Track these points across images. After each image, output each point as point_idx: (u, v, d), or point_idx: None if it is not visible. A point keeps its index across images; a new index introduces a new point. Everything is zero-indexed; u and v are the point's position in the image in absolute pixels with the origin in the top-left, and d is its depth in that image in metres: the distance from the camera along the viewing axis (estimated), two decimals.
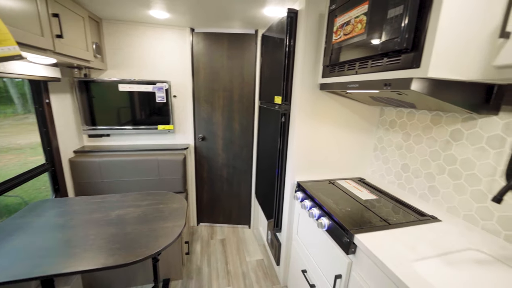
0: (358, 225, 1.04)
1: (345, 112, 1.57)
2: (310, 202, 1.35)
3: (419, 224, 1.07)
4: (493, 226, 1.01)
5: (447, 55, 0.75)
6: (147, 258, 1.01)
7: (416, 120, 1.36)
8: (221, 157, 2.41)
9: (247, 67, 2.18)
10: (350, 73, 1.13)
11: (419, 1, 0.75)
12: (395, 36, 0.83)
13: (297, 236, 1.57)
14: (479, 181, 1.05)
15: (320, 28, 1.38)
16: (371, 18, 0.95)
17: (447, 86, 0.85)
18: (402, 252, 0.87)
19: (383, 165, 1.62)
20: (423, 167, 1.33)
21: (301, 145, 1.55)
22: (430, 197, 1.29)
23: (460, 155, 1.13)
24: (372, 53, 0.96)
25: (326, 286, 1.19)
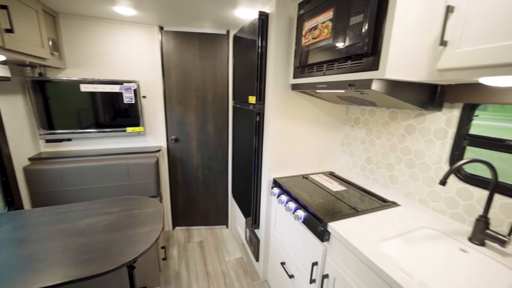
0: (331, 215, 1.12)
1: (315, 111, 1.68)
2: (286, 196, 1.41)
3: (382, 210, 1.20)
4: (441, 206, 1.17)
5: (400, 59, 0.86)
6: (124, 265, 0.97)
7: (377, 117, 1.51)
8: (195, 158, 2.37)
9: (220, 67, 2.18)
10: (319, 74, 1.21)
11: (376, 11, 0.85)
12: (357, 42, 0.93)
13: (275, 231, 1.63)
14: (429, 169, 1.22)
15: (290, 31, 1.46)
16: (336, 24, 1.04)
17: (401, 86, 0.97)
18: (369, 235, 0.97)
19: (350, 159, 1.76)
20: (384, 159, 1.48)
21: (276, 143, 1.61)
22: (391, 185, 1.44)
23: (413, 146, 1.29)
24: (337, 56, 1.05)
25: (304, 274, 1.27)
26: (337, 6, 1.02)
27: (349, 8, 0.95)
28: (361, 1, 0.89)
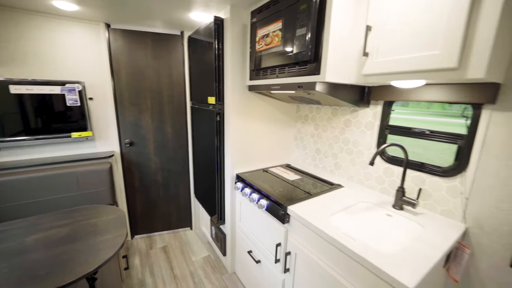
0: (289, 200, 1.28)
1: (271, 110, 1.84)
2: (250, 189, 1.53)
3: (330, 191, 1.42)
4: (373, 184, 1.46)
5: (336, 65, 1.06)
6: (90, 273, 0.94)
7: (322, 113, 1.76)
8: (153, 161, 2.30)
9: (175, 67, 2.16)
10: (272, 77, 1.36)
11: (316, 26, 1.03)
12: (302, 50, 1.10)
13: (240, 223, 1.74)
14: (363, 154, 1.49)
15: (244, 36, 1.57)
16: (285, 34, 1.19)
17: (338, 88, 1.19)
18: (321, 212, 1.16)
19: (302, 151, 1.98)
20: (329, 149, 1.73)
21: (236, 141, 1.71)
22: (336, 171, 1.70)
23: (351, 137, 1.56)
24: (288, 61, 1.21)
25: (269, 256, 1.41)
26: (284, 18, 1.18)
27: (295, 22, 1.12)
28: (304, 17, 1.06)
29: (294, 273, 1.22)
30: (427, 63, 0.84)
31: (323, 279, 1.04)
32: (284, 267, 1.27)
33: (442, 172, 1.14)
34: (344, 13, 1.03)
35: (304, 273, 1.16)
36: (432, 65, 0.82)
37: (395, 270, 0.78)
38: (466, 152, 1.06)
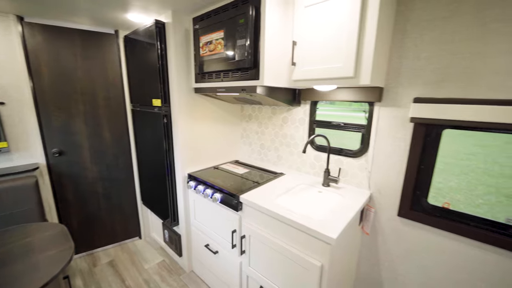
0: (241, 190, 1.44)
1: (217, 111, 1.96)
2: (203, 186, 1.62)
3: (275, 179, 1.65)
4: (307, 169, 1.76)
5: (272, 72, 1.27)
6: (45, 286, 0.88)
7: (263, 112, 1.98)
8: (91, 171, 2.10)
9: (111, 68, 2.03)
10: (217, 80, 1.49)
11: (254, 38, 1.22)
12: (243, 58, 1.27)
13: (195, 221, 1.80)
14: (298, 146, 1.78)
15: (188, 40, 1.64)
16: (227, 43, 1.34)
17: (275, 90, 1.41)
18: (268, 196, 1.36)
19: (249, 147, 2.18)
20: (272, 144, 1.98)
21: (186, 142, 1.76)
22: (278, 162, 1.95)
23: (288, 132, 1.83)
24: (231, 67, 1.36)
25: (226, 244, 1.54)
26: (226, 29, 1.33)
27: (235, 33, 1.28)
28: (243, 30, 1.23)
29: (250, 253, 1.39)
30: (335, 73, 1.12)
31: (273, 250, 1.24)
32: (241, 250, 1.43)
33: (353, 154, 1.51)
34: (275, 29, 1.24)
35: (258, 250, 1.34)
36: (338, 74, 1.11)
37: (323, 229, 1.03)
38: (367, 137, 1.44)
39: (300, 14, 1.22)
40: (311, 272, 1.08)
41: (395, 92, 1.28)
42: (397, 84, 1.27)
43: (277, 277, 1.26)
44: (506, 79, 0.99)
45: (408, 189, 1.30)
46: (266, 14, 1.18)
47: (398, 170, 1.34)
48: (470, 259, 1.18)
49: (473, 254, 1.16)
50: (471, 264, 1.18)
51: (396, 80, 1.27)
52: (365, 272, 1.57)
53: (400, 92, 1.27)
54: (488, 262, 1.13)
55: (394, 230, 1.41)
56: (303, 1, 1.19)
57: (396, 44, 1.24)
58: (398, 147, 1.32)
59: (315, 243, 1.07)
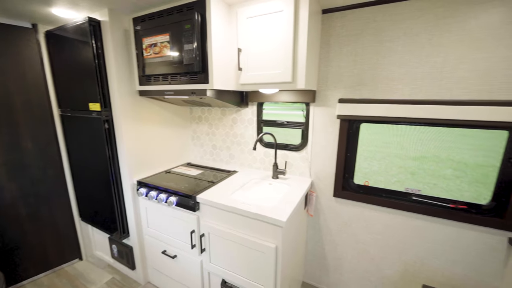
0: (197, 191, 1.48)
1: (165, 113, 1.92)
2: (156, 191, 1.59)
3: (229, 177, 1.74)
4: (258, 165, 1.91)
5: (220, 76, 1.35)
6: None
7: (213, 114, 2.04)
8: (8, 189, 1.76)
9: (30, 67, 1.74)
10: (165, 83, 1.48)
11: (201, 44, 1.27)
12: (192, 62, 1.31)
13: (149, 229, 1.73)
14: (249, 144, 1.91)
15: (129, 41, 1.56)
16: (173, 46, 1.35)
17: (224, 93, 1.50)
18: (224, 193, 1.45)
19: (200, 149, 2.20)
20: (223, 143, 2.05)
21: (132, 148, 1.67)
22: (231, 160, 2.05)
23: (238, 131, 1.94)
24: (179, 71, 1.38)
25: (185, 246, 1.55)
26: (172, 33, 1.34)
27: (182, 38, 1.30)
28: (189, 35, 1.28)
29: (210, 250, 1.45)
30: (276, 78, 1.29)
31: (232, 242, 1.33)
32: (201, 249, 1.47)
33: (296, 148, 1.72)
34: (221, 36, 1.33)
35: (218, 246, 1.41)
36: (279, 79, 1.28)
37: (275, 215, 1.18)
38: (306, 133, 1.67)
39: (243, 24, 1.34)
40: (268, 255, 1.22)
41: (324, 94, 1.54)
42: (326, 88, 1.53)
43: (238, 267, 1.36)
44: (397, 83, 1.34)
45: (339, 173, 1.58)
46: (212, 21, 1.25)
47: (331, 158, 1.61)
48: (384, 222, 1.52)
49: (386, 218, 1.51)
50: (386, 226, 1.53)
51: (325, 84, 1.53)
52: (312, 248, 1.83)
53: (328, 94, 1.53)
54: (396, 222, 1.49)
55: (332, 209, 1.69)
56: (245, 13, 1.31)
57: (323, 55, 1.49)
58: (330, 139, 1.59)
59: (269, 228, 1.21)
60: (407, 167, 6.24)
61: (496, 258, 1.28)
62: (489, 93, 1.16)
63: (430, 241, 1.42)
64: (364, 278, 1.68)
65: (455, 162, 6.28)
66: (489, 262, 1.30)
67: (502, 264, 1.28)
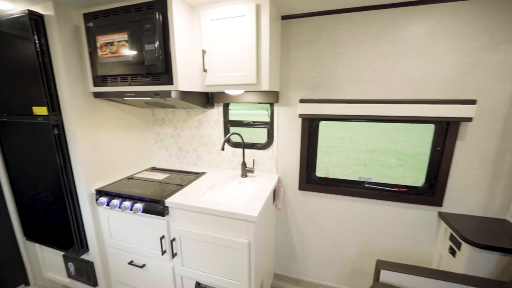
0: (165, 195, 1.44)
1: (125, 116, 1.80)
2: (119, 199, 1.49)
3: (198, 179, 1.73)
4: (227, 165, 1.94)
5: (185, 77, 1.34)
6: None
7: (178, 116, 1.99)
8: None
9: None
10: (124, 85, 1.41)
11: (164, 45, 1.25)
12: (154, 63, 1.27)
13: (112, 240, 1.62)
14: (216, 144, 1.93)
15: (79, 39, 1.43)
16: (133, 46, 1.30)
17: (190, 94, 1.49)
18: (194, 195, 1.44)
19: (165, 152, 2.13)
20: (190, 145, 2.02)
21: (88, 155, 1.54)
22: (198, 162, 2.03)
23: (205, 132, 1.94)
24: (140, 72, 1.33)
25: (154, 253, 1.50)
26: (130, 32, 1.28)
27: (142, 37, 1.26)
28: (150, 35, 1.24)
29: (182, 254, 1.43)
30: (241, 80, 1.34)
31: (204, 243, 1.34)
32: (172, 254, 1.44)
33: (263, 147, 1.80)
34: (184, 37, 1.32)
35: (190, 248, 1.40)
36: (244, 81, 1.33)
37: (246, 211, 1.23)
38: (271, 132, 1.75)
39: (207, 26, 1.35)
40: (241, 251, 1.27)
41: (287, 95, 1.65)
42: (288, 89, 1.63)
43: (212, 266, 1.37)
44: (348, 85, 1.51)
45: (303, 168, 1.71)
46: (175, 22, 1.24)
47: (295, 154, 1.73)
48: (343, 209, 1.70)
49: (345, 205, 1.69)
50: (344, 212, 1.70)
51: (287, 86, 1.63)
52: (282, 240, 1.93)
53: (290, 95, 1.64)
54: (353, 208, 1.68)
55: (298, 201, 1.81)
56: (208, 15, 1.33)
57: (284, 58, 1.59)
58: (294, 137, 1.70)
59: (241, 224, 1.25)
60: (360, 159, 6.91)
61: (429, 229, 1.55)
62: (419, 93, 1.39)
63: (381, 222, 1.64)
64: (329, 262, 1.84)
65: (398, 153, 7.18)
66: (425, 233, 1.56)
67: (434, 234, 1.55)
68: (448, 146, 1.41)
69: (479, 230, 1.30)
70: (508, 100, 1.27)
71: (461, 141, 1.39)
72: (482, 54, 1.27)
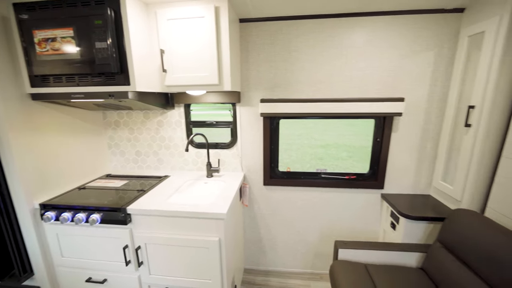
0: (126, 202, 1.36)
1: (71, 120, 1.62)
2: (71, 212, 1.35)
3: (161, 183, 1.67)
4: (191, 166, 1.91)
5: (143, 78, 1.29)
6: None
7: (134, 118, 1.88)
8: None
9: None
10: (71, 85, 1.28)
11: (117, 43, 1.18)
12: (107, 62, 1.19)
13: (64, 259, 1.45)
14: (179, 146, 1.88)
15: (9, 32, 1.24)
16: (81, 43, 1.19)
17: (148, 95, 1.43)
18: (159, 199, 1.39)
19: (121, 157, 1.98)
20: (149, 149, 1.93)
21: (27, 166, 1.35)
22: (160, 165, 1.95)
23: (166, 134, 1.87)
24: (90, 71, 1.23)
25: (117, 265, 1.40)
26: (77, 27, 1.17)
27: (92, 34, 1.16)
28: (101, 32, 1.16)
29: (149, 262, 1.37)
30: (203, 80, 1.35)
31: (173, 247, 1.32)
32: (138, 263, 1.36)
33: (227, 146, 1.83)
34: (141, 35, 1.27)
35: (157, 255, 1.35)
36: (206, 82, 1.35)
37: (214, 209, 1.26)
38: (235, 131, 1.80)
39: (164, 25, 1.32)
40: (212, 249, 1.28)
41: (248, 95, 1.71)
42: (249, 89, 1.70)
43: (182, 270, 1.35)
44: (303, 86, 1.65)
45: (267, 164, 1.80)
46: (129, 19, 1.18)
47: (259, 152, 1.81)
48: (304, 199, 1.85)
49: (305, 195, 1.84)
50: (305, 201, 1.86)
51: (248, 86, 1.70)
52: (250, 235, 2.00)
53: (251, 95, 1.71)
54: (312, 197, 1.84)
55: (263, 196, 1.90)
56: (165, 14, 1.30)
57: (244, 60, 1.65)
58: (257, 135, 1.78)
59: (210, 223, 1.27)
60: (316, 154, 7.45)
61: (375, 209, 1.80)
62: (361, 92, 1.61)
63: (336, 206, 1.84)
64: (294, 249, 1.98)
65: (347, 146, 7.97)
66: (372, 213, 1.81)
67: (379, 213, 1.81)
68: (386, 137, 1.67)
69: (411, 205, 1.58)
70: (426, 97, 1.58)
71: (395, 133, 1.66)
72: (406, 60, 1.54)
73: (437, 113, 1.59)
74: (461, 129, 1.43)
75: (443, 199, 1.59)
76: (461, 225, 1.22)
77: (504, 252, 1.00)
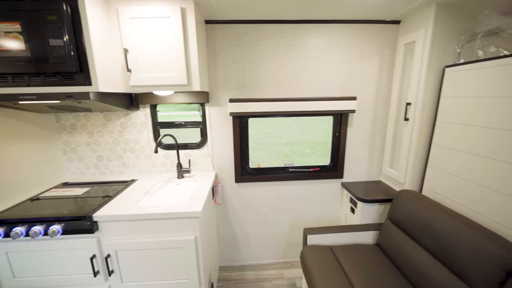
0: (91, 209, 1.28)
1: (16, 124, 1.45)
2: (24, 226, 1.21)
3: (128, 187, 1.60)
4: (160, 169, 1.86)
5: (106, 78, 1.24)
6: None
7: (93, 120, 1.76)
8: None
9: None
10: (21, 85, 1.16)
11: (75, 40, 1.11)
12: (64, 61, 1.11)
13: (16, 280, 1.29)
14: (145, 149, 1.82)
15: None
16: (30, 40, 1.09)
17: (111, 96, 1.36)
18: (128, 203, 1.34)
19: (79, 163, 1.83)
20: (112, 153, 1.82)
21: None
22: (125, 170, 1.86)
23: (131, 137, 1.79)
24: (44, 70, 1.13)
25: (84, 278, 1.31)
26: (25, 22, 1.07)
27: (45, 30, 1.07)
28: (56, 28, 1.08)
29: (120, 269, 1.31)
30: (171, 80, 1.35)
31: (146, 250, 1.29)
32: (108, 272, 1.30)
33: (197, 146, 1.84)
34: (101, 33, 1.21)
35: (129, 261, 1.30)
36: (174, 82, 1.35)
37: (189, 208, 1.27)
38: (204, 131, 1.81)
39: (127, 24, 1.28)
40: (188, 248, 1.29)
41: (217, 95, 1.75)
42: (217, 89, 1.74)
43: (158, 273, 1.33)
44: (268, 86, 1.75)
45: (237, 162, 1.86)
46: (88, 15, 1.12)
47: (229, 150, 1.85)
48: (273, 193, 1.96)
49: (275, 189, 1.95)
50: (275, 195, 1.97)
51: (216, 86, 1.73)
52: (224, 232, 2.03)
53: (220, 95, 1.75)
54: (281, 191, 1.96)
55: (235, 194, 1.95)
56: (127, 13, 1.27)
57: (211, 61, 1.68)
58: (226, 134, 1.82)
59: (185, 223, 1.28)
60: (283, 151, 7.75)
61: (336, 197, 2.00)
62: (320, 92, 1.78)
63: (303, 197, 1.99)
64: (267, 242, 2.08)
65: (310, 143, 8.45)
66: (334, 201, 2.01)
67: (340, 200, 2.02)
68: (343, 132, 1.87)
69: (366, 191, 1.80)
70: (374, 96, 1.81)
71: (350, 128, 1.87)
72: (357, 63, 1.75)
73: (383, 109, 1.84)
74: (402, 122, 1.68)
75: (391, 183, 1.85)
76: (404, 203, 1.45)
77: (436, 222, 1.23)
